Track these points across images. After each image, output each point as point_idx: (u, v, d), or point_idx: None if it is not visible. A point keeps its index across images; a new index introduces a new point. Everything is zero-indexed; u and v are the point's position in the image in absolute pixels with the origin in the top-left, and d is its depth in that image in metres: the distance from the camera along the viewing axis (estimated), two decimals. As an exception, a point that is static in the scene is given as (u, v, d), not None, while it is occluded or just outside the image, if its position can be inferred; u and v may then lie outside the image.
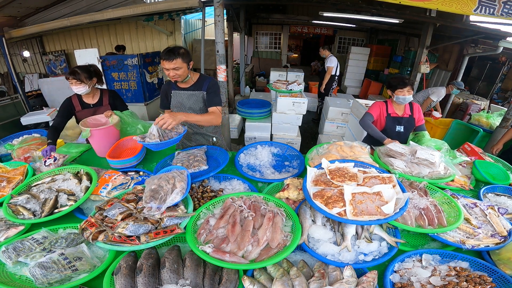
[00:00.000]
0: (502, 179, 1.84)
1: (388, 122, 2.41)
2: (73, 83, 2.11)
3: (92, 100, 2.32)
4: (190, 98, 2.07)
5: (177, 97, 2.08)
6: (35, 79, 6.86)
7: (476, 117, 4.34)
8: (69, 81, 2.13)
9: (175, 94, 2.09)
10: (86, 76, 2.14)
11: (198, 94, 2.07)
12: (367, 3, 4.75)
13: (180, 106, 2.09)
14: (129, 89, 4.79)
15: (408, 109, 2.43)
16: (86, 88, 2.16)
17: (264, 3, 7.80)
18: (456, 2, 2.72)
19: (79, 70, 2.13)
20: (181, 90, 2.07)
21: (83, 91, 2.16)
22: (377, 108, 2.47)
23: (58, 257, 1.09)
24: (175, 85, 2.07)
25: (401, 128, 2.41)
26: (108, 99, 2.36)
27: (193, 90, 2.07)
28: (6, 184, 1.61)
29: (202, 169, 1.75)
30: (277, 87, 4.32)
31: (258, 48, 10.76)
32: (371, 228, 1.25)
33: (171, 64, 1.82)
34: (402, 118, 2.40)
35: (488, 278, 1.08)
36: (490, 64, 6.85)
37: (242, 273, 1.11)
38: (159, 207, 1.21)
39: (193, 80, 2.07)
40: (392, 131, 2.41)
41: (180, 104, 2.09)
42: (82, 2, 5.10)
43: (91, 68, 2.24)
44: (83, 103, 2.29)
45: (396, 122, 2.40)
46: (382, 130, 2.44)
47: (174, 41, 7.05)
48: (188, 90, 2.07)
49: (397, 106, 2.42)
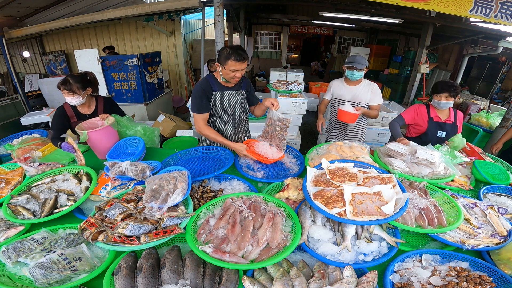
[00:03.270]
0: (502, 179, 1.84)
1: (430, 126, 2.36)
2: (65, 94, 1.99)
3: (88, 110, 2.20)
4: (233, 97, 2.08)
5: (221, 98, 2.04)
6: (35, 79, 6.86)
7: (476, 117, 4.34)
8: (61, 91, 2.00)
9: (219, 95, 2.02)
10: (79, 87, 2.01)
11: (240, 93, 2.10)
12: (366, 3, 4.75)
13: (225, 106, 2.08)
14: (129, 89, 4.78)
15: (452, 116, 2.38)
16: (79, 99, 2.03)
17: (264, 3, 7.81)
18: (452, 3, 2.72)
19: (72, 80, 1.99)
20: (225, 91, 2.04)
21: (76, 102, 2.04)
22: (412, 111, 2.46)
23: (58, 257, 1.09)
24: (218, 85, 2.01)
25: (442, 134, 2.35)
26: (104, 107, 2.27)
27: (236, 90, 2.08)
28: (5, 185, 1.61)
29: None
30: (277, 87, 4.32)
31: (258, 48, 10.76)
32: (371, 228, 1.25)
33: (243, 65, 1.80)
34: (445, 124, 2.35)
35: (488, 278, 1.08)
36: (490, 64, 6.86)
37: (242, 273, 1.10)
38: (160, 207, 1.21)
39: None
40: (433, 135, 2.37)
41: (225, 104, 2.07)
42: (82, 2, 5.10)
43: (87, 76, 2.12)
44: (78, 114, 2.17)
45: (439, 127, 2.36)
46: (423, 133, 2.42)
47: (174, 41, 7.06)
48: (232, 90, 2.06)
49: (439, 111, 2.37)
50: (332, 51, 11.33)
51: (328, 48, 13.27)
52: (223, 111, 2.08)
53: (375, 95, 2.63)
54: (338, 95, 2.78)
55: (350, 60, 2.57)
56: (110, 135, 2.06)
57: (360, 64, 2.50)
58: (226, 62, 1.80)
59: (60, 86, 1.99)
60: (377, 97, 2.64)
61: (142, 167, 1.63)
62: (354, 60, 2.52)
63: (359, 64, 2.50)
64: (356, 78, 2.57)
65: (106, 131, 2.01)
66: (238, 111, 2.15)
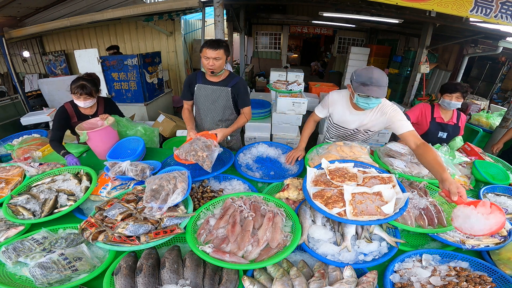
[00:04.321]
0: (502, 179, 1.84)
1: (431, 127, 2.35)
2: (81, 98, 1.99)
3: (91, 111, 2.19)
4: (214, 93, 2.08)
5: (201, 91, 2.08)
6: (35, 79, 6.86)
7: (476, 117, 4.34)
8: (75, 95, 1.98)
9: (200, 87, 2.07)
10: (95, 90, 2.05)
11: (223, 90, 2.08)
12: (366, 3, 4.75)
13: (204, 100, 2.10)
14: (129, 89, 4.78)
15: (455, 117, 2.37)
16: (93, 101, 2.08)
17: (264, 3, 7.80)
18: (452, 3, 2.71)
19: (88, 84, 1.99)
20: (208, 84, 2.07)
21: (90, 105, 2.08)
22: (418, 110, 2.41)
23: (58, 257, 1.09)
24: (203, 77, 2.06)
25: (443, 135, 2.34)
26: (105, 107, 2.27)
27: (219, 86, 2.08)
28: (5, 185, 1.61)
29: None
30: (277, 87, 4.32)
31: (258, 48, 10.75)
32: (371, 228, 1.25)
33: (213, 53, 1.85)
34: (447, 125, 2.34)
35: (488, 278, 1.08)
36: (490, 64, 6.85)
37: (242, 273, 1.11)
38: (160, 207, 1.21)
39: (223, 76, 2.08)
40: (434, 136, 2.35)
41: (204, 98, 2.09)
42: (82, 2, 5.10)
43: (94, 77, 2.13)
44: (80, 114, 2.15)
45: (440, 128, 2.34)
46: (424, 133, 2.39)
47: (174, 41, 7.06)
48: (215, 85, 2.07)
49: (443, 111, 2.35)
50: (332, 51, 11.33)
51: (328, 48, 13.27)
52: (201, 103, 2.13)
53: (397, 120, 1.68)
54: (339, 121, 1.98)
55: (364, 80, 1.56)
56: (110, 135, 2.06)
57: (380, 87, 1.54)
58: (202, 50, 1.90)
59: (77, 90, 1.96)
60: (404, 123, 1.65)
61: (142, 167, 1.63)
62: (370, 81, 1.53)
63: (379, 87, 1.54)
64: (372, 107, 1.68)
65: (106, 131, 2.01)
66: (220, 108, 2.14)
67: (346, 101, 1.87)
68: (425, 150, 1.47)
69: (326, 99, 1.96)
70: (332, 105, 1.93)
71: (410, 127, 1.62)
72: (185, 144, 1.75)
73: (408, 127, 1.63)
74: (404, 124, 1.64)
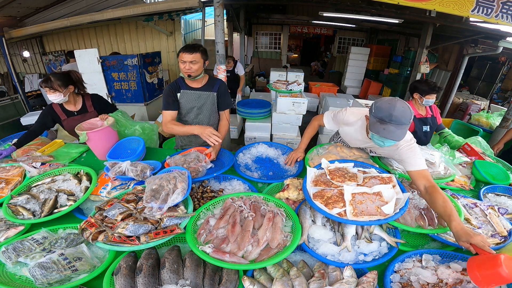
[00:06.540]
0: (502, 179, 1.84)
1: (416, 124, 2.44)
2: (47, 91, 2.00)
3: (75, 107, 2.20)
4: (200, 98, 2.07)
5: (187, 97, 2.05)
6: (35, 79, 6.86)
7: (476, 117, 4.34)
8: (43, 88, 2.03)
9: (185, 93, 2.05)
10: (60, 84, 2.01)
11: (209, 95, 2.08)
12: (367, 3, 4.75)
13: (191, 106, 2.08)
14: (129, 89, 4.78)
15: (428, 110, 2.51)
16: (61, 96, 2.03)
17: (264, 3, 7.81)
18: (454, 2, 2.71)
19: (53, 78, 2.00)
20: (192, 90, 2.06)
21: (59, 99, 2.04)
22: None
23: (58, 257, 1.09)
24: (185, 85, 2.05)
25: (427, 128, 2.48)
26: (93, 104, 2.26)
27: (204, 91, 2.07)
28: (5, 185, 1.61)
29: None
30: (277, 87, 4.32)
31: (258, 48, 10.76)
32: (371, 228, 1.25)
33: (189, 57, 1.84)
34: (426, 119, 2.48)
35: (488, 278, 1.08)
36: (490, 64, 6.86)
37: (242, 273, 1.10)
38: (160, 207, 1.21)
39: (204, 81, 2.08)
40: (421, 131, 2.46)
41: (191, 103, 2.07)
42: (82, 2, 5.10)
43: (70, 75, 2.11)
44: (66, 111, 2.18)
45: (422, 123, 2.47)
46: (413, 132, 2.44)
47: (174, 41, 7.06)
48: (200, 90, 2.06)
49: (419, 107, 2.47)
50: (332, 51, 11.34)
51: (328, 48, 13.28)
52: (188, 110, 2.10)
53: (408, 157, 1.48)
54: (347, 139, 1.87)
55: (383, 115, 1.33)
56: (109, 136, 2.06)
57: (401, 126, 1.32)
58: (179, 55, 1.89)
59: (42, 84, 2.01)
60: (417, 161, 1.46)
61: (142, 167, 1.63)
62: (390, 118, 1.30)
63: (399, 126, 1.32)
64: (388, 145, 1.46)
65: (106, 131, 2.01)
66: (207, 113, 2.13)
67: (361, 127, 1.67)
68: (432, 196, 1.31)
69: (341, 116, 1.75)
70: (346, 125, 1.75)
71: (421, 166, 1.44)
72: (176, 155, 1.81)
73: (419, 165, 1.44)
74: (417, 161, 1.45)
